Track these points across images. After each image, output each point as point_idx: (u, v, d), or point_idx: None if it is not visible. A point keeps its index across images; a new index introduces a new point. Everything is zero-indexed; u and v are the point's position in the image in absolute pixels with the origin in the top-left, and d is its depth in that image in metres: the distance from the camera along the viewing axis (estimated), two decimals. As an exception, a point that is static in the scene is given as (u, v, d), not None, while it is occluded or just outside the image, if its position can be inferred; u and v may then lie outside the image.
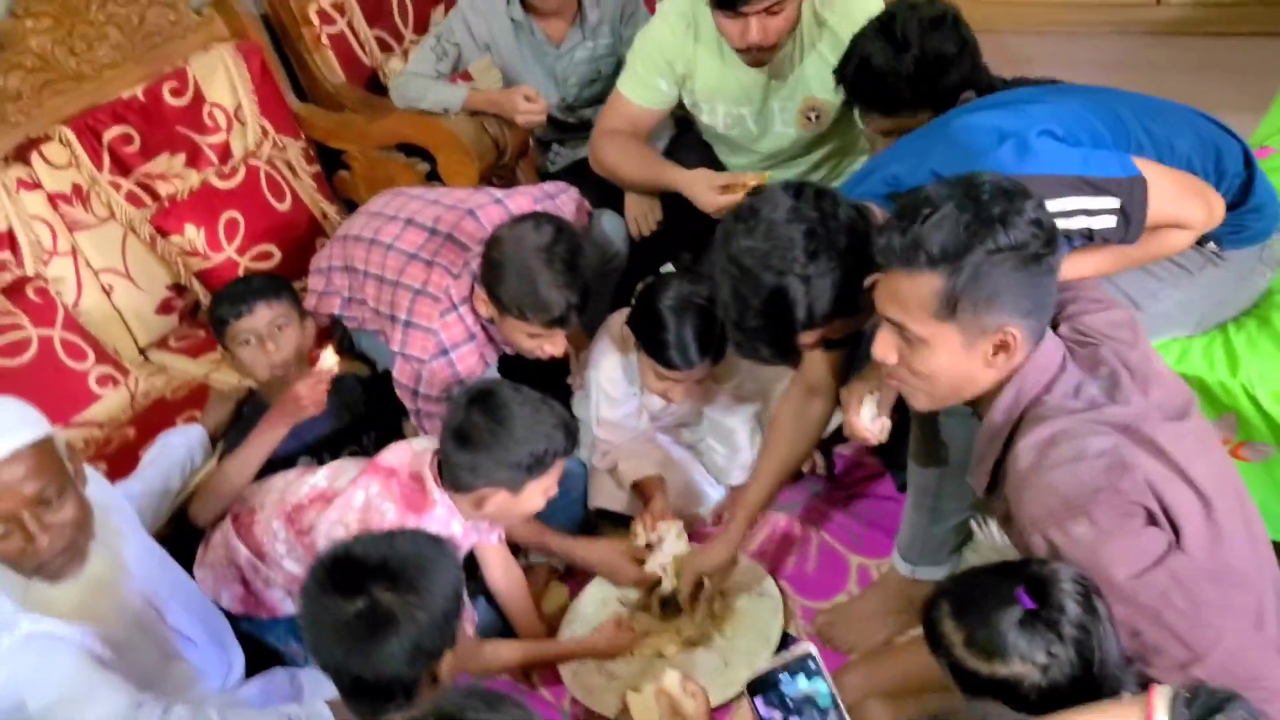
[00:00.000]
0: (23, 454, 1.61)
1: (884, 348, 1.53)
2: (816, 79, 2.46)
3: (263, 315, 2.32)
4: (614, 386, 2.46)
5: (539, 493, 2.00)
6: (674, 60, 2.52)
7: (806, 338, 1.70)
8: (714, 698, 1.89)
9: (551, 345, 2.28)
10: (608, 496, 2.50)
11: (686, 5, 2.49)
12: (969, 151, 1.65)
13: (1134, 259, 1.75)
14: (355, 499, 2.04)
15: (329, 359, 2.28)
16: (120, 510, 1.95)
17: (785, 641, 2.19)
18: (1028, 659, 1.34)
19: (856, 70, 2.10)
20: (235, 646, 2.11)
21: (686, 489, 2.55)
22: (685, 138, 2.85)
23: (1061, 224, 1.61)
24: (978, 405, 1.56)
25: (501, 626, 2.29)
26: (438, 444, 2.04)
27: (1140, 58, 3.62)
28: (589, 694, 2.17)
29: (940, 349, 1.48)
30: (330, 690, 1.81)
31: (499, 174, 2.89)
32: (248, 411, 2.44)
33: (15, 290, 2.59)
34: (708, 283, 2.16)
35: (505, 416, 1.94)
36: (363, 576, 1.48)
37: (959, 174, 1.48)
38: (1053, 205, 1.58)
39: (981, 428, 1.54)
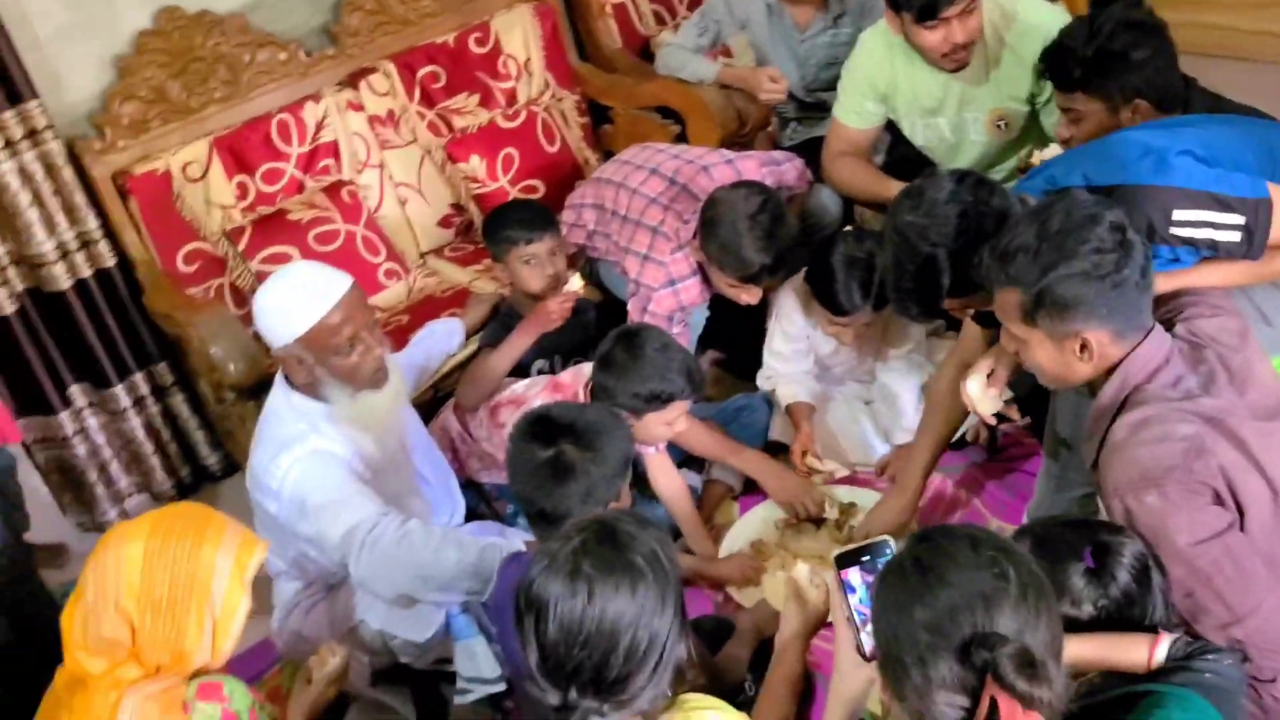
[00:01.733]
0: (353, 290, 2.15)
1: (1005, 339, 1.82)
2: (1003, 91, 2.68)
3: (547, 243, 2.77)
4: (790, 323, 2.82)
5: (659, 424, 2.38)
6: (875, 81, 2.79)
7: (951, 304, 1.99)
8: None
9: (748, 295, 2.66)
10: (783, 431, 2.85)
11: (881, 33, 2.76)
12: (1116, 161, 1.89)
13: (1257, 275, 1.93)
14: (534, 406, 2.48)
15: (575, 283, 2.74)
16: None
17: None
18: (1078, 604, 1.57)
19: (1051, 46, 2.30)
20: (459, 495, 2.62)
21: (857, 439, 2.86)
22: (899, 148, 3.09)
23: (1188, 233, 1.82)
24: (1092, 387, 1.80)
25: (673, 528, 2.67)
26: None
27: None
28: (739, 591, 2.53)
29: (1035, 347, 1.74)
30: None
31: (739, 142, 3.24)
32: (502, 314, 2.92)
33: (333, 190, 3.18)
34: (870, 240, 2.53)
35: (638, 354, 2.33)
36: (556, 432, 1.90)
37: (1048, 201, 1.72)
38: (1180, 215, 1.80)
39: (1092, 407, 1.79)
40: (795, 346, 2.85)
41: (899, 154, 3.04)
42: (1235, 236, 1.84)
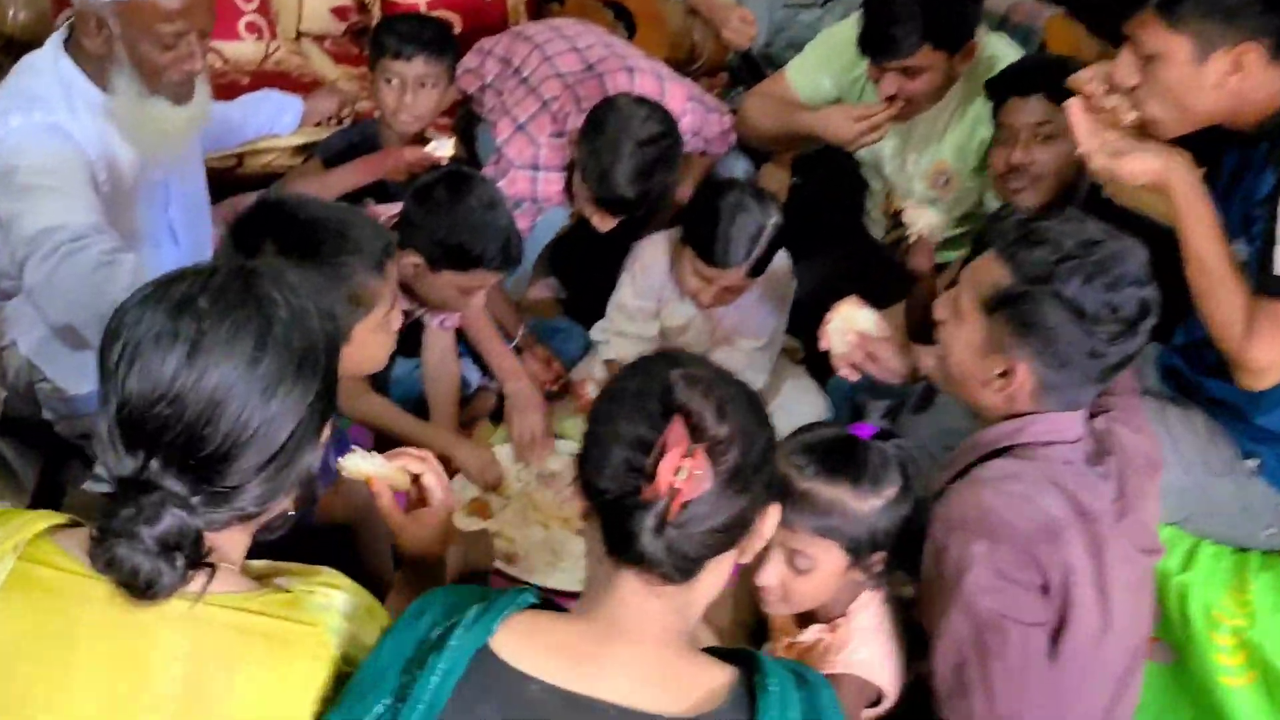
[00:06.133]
0: None
1: (943, 304, 1.54)
2: (952, 147, 2.41)
3: (418, 66, 2.34)
4: (647, 276, 2.44)
5: (454, 287, 2.03)
6: (844, 62, 2.48)
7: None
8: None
9: (600, 219, 2.32)
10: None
11: None
12: None
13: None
14: None
15: (448, 148, 2.34)
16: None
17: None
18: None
19: None
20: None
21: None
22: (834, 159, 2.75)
23: None
24: (983, 418, 1.53)
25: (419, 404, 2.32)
26: None
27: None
28: (462, 514, 2.17)
29: (965, 334, 1.48)
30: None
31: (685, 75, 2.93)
32: (355, 127, 2.53)
33: (238, -76, 2.74)
34: (771, 205, 2.21)
35: (461, 201, 1.98)
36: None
37: (1118, 234, 1.46)
38: None
39: (970, 437, 1.53)
40: (643, 304, 2.48)
41: (834, 166, 2.74)
42: None
